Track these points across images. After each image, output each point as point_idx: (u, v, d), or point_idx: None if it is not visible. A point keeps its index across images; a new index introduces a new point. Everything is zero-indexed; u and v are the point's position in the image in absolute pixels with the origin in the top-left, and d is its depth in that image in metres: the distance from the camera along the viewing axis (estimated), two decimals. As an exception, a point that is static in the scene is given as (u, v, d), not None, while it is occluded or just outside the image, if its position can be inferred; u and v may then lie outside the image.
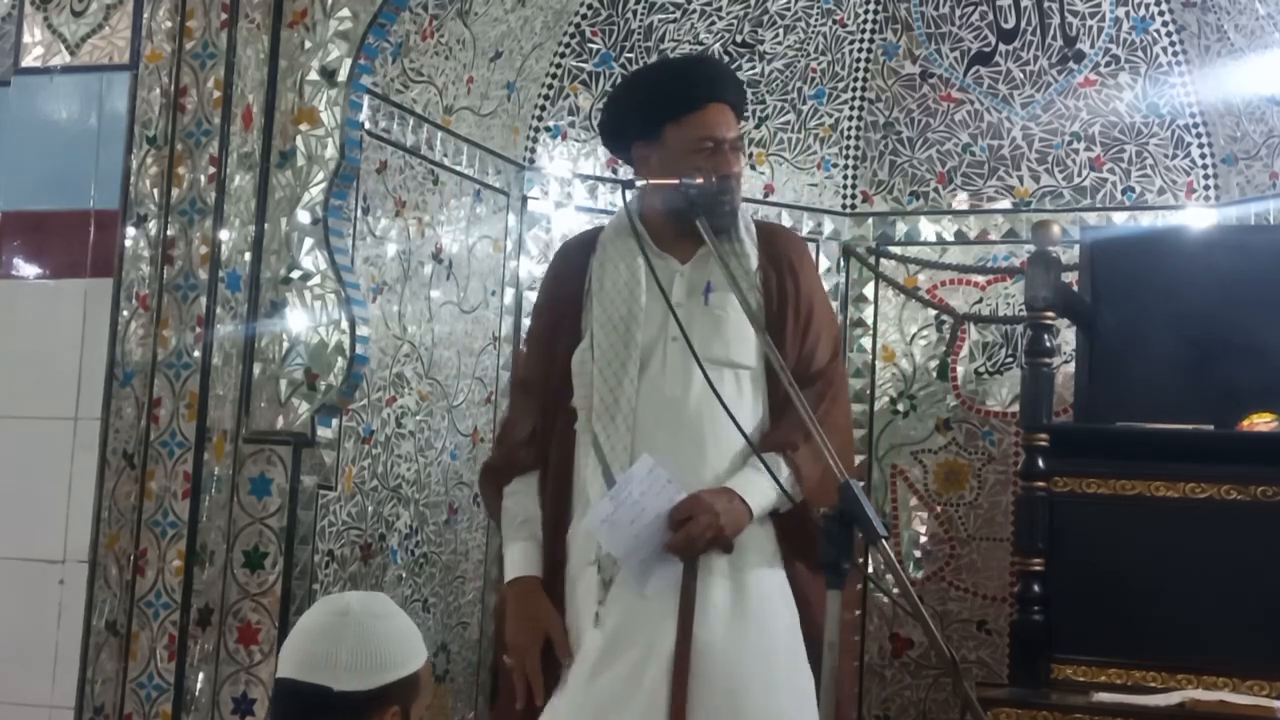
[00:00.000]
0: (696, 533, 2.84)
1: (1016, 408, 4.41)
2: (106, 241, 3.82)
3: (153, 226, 3.81)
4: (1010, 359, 4.53)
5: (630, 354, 3.01)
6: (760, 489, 2.91)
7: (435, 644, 4.18)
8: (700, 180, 2.99)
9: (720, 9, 4.57)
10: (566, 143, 4.56)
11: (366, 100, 3.80)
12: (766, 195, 4.67)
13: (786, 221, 4.60)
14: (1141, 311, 4.04)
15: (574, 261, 3.18)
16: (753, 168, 4.63)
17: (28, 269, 3.90)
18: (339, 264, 3.70)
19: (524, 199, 4.52)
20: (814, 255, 4.50)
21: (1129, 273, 4.11)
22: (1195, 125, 4.45)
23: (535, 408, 3.12)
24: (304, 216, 3.71)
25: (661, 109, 3.09)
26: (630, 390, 3.00)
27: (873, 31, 4.69)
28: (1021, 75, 4.61)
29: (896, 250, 4.68)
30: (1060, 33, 4.55)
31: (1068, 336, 4.31)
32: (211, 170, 3.79)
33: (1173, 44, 4.44)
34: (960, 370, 4.59)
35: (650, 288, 3.04)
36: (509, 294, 4.48)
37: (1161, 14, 4.44)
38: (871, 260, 4.67)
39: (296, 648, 2.30)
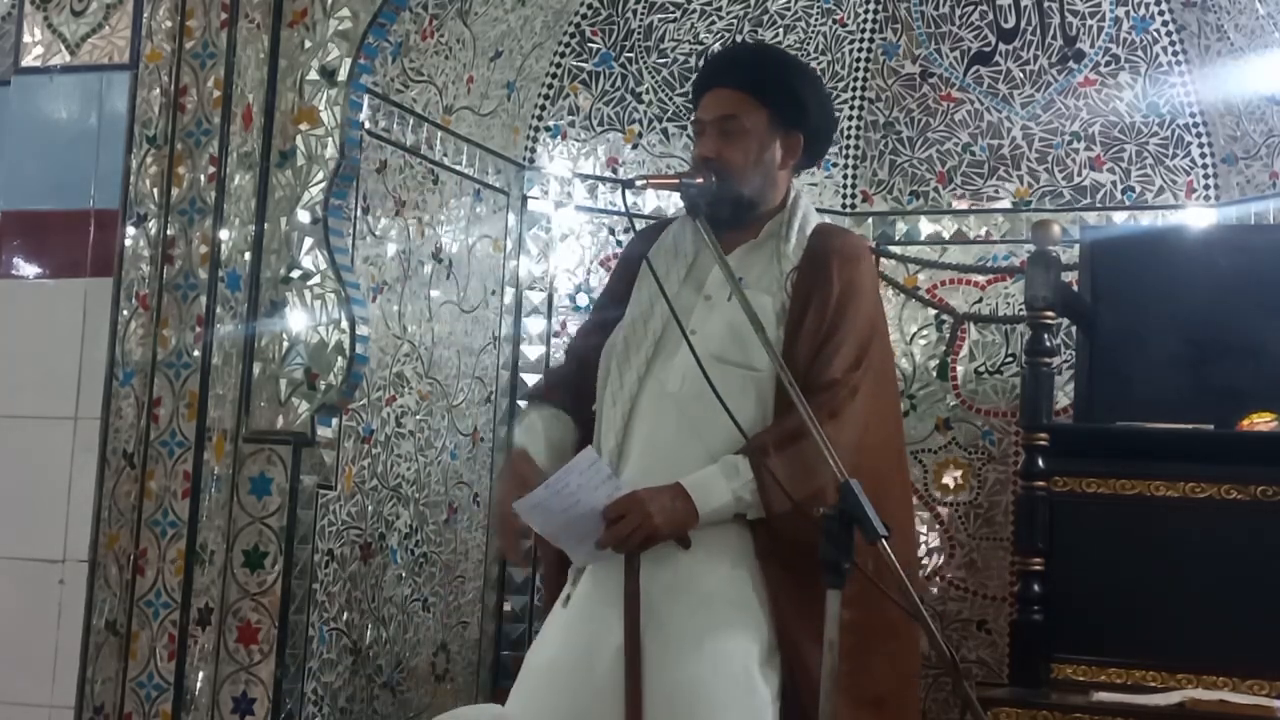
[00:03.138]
0: (624, 532, 2.79)
1: (1016, 407, 4.41)
2: (106, 241, 3.82)
3: (153, 226, 3.81)
4: (1010, 359, 4.53)
5: (642, 343, 3.00)
6: (716, 489, 2.84)
7: (435, 644, 4.18)
8: (700, 180, 2.98)
9: (720, 9, 4.57)
10: (566, 142, 4.57)
11: (366, 100, 3.80)
12: (766, 195, 4.67)
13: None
14: (1141, 311, 4.03)
15: (635, 247, 3.20)
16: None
17: (28, 269, 3.90)
18: (339, 263, 3.70)
19: (524, 198, 4.52)
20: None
21: (1129, 273, 4.11)
22: (1195, 125, 4.45)
23: (571, 365, 3.19)
24: (304, 216, 3.71)
25: (693, 103, 3.15)
26: (632, 379, 2.98)
27: (873, 31, 4.69)
28: (1021, 75, 4.61)
29: (896, 250, 4.67)
30: (1060, 32, 4.55)
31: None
32: (211, 170, 3.79)
33: (1173, 44, 4.44)
34: (960, 370, 4.59)
35: (687, 278, 3.04)
36: (509, 294, 4.49)
37: (1161, 14, 4.44)
38: (871, 260, 4.66)
39: None
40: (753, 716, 2.82)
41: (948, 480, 4.56)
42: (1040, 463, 3.80)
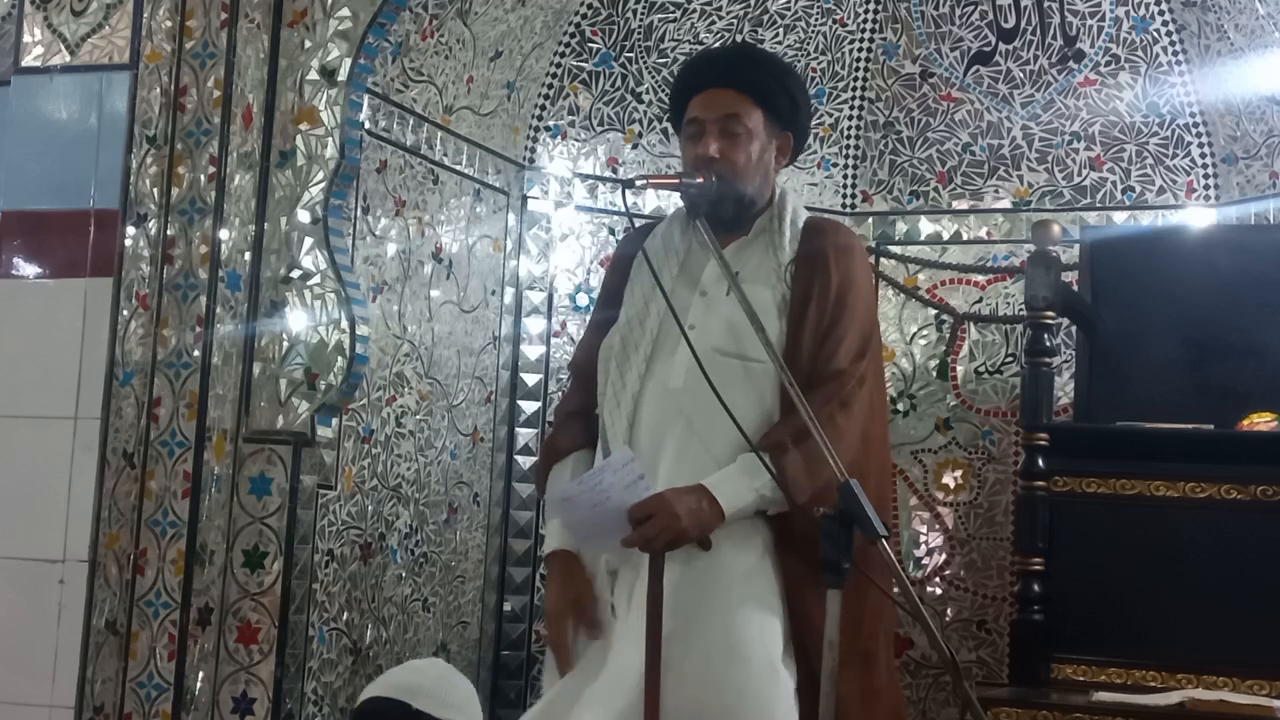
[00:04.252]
0: (651, 534, 2.80)
1: (1016, 407, 4.41)
2: (106, 241, 3.82)
3: (153, 226, 3.81)
4: (1010, 359, 4.53)
5: (640, 342, 3.00)
6: (738, 489, 2.85)
7: (435, 644, 4.18)
8: (700, 180, 2.98)
9: (720, 9, 4.57)
10: (566, 142, 4.57)
11: (366, 100, 3.80)
12: (766, 195, 4.67)
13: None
14: (1141, 311, 4.04)
15: (625, 248, 3.20)
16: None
17: (28, 269, 3.90)
18: (339, 263, 3.70)
19: (524, 198, 4.52)
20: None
21: (1129, 273, 4.11)
22: (1195, 125, 4.45)
23: (580, 389, 3.15)
24: (304, 216, 3.71)
25: (673, 102, 3.14)
26: (634, 378, 2.98)
27: (873, 31, 4.69)
28: (1021, 75, 4.61)
29: (896, 250, 4.68)
30: (1060, 32, 4.55)
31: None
32: (211, 170, 3.79)
33: (1173, 43, 4.44)
34: (960, 370, 4.59)
35: (680, 275, 3.03)
36: (509, 293, 4.49)
37: (1161, 13, 4.44)
38: (871, 260, 4.66)
39: (386, 677, 2.49)
40: (776, 705, 2.83)
41: (948, 480, 4.56)
42: (1040, 463, 3.80)
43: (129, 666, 3.72)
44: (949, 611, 4.50)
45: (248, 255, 3.74)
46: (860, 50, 4.69)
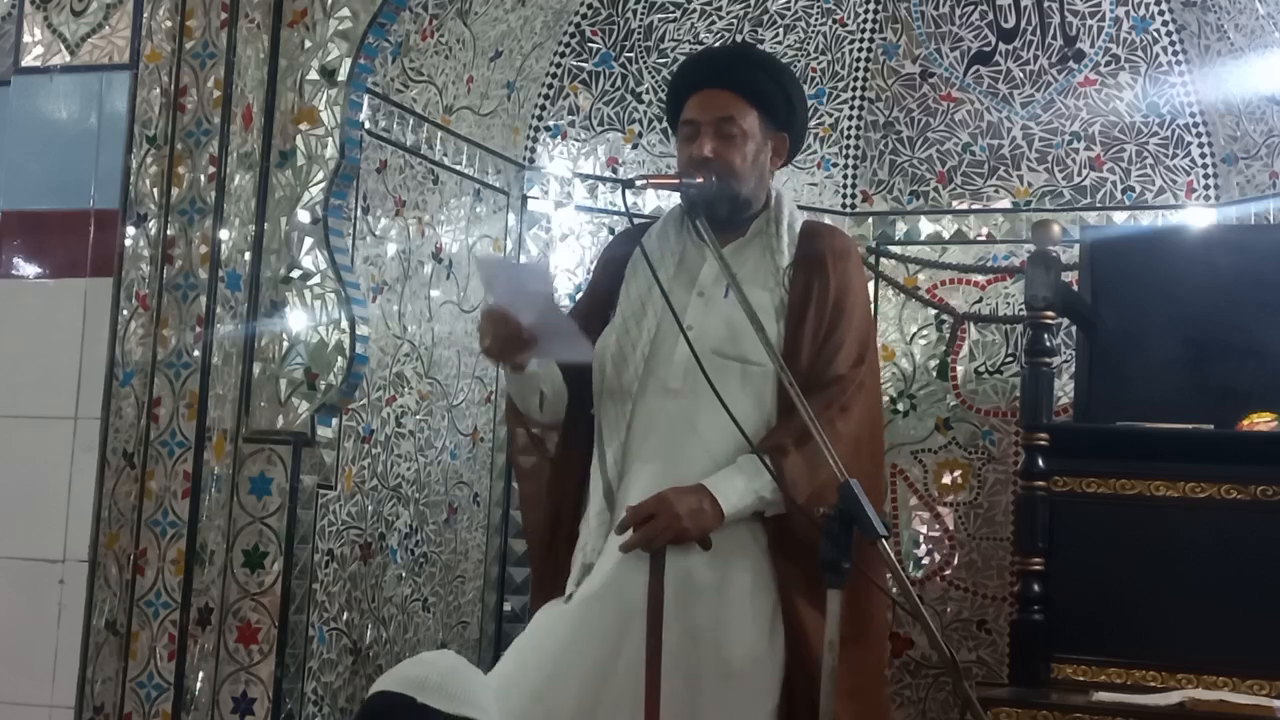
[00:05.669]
0: (653, 534, 2.81)
1: (1016, 407, 4.41)
2: (106, 241, 3.82)
3: (153, 226, 3.81)
4: (1010, 359, 4.53)
5: (638, 342, 3.00)
6: (738, 490, 2.86)
7: (435, 644, 4.18)
8: (700, 180, 2.98)
9: (720, 9, 4.57)
10: (566, 142, 4.57)
11: (366, 100, 3.80)
12: (766, 195, 4.66)
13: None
14: (1141, 311, 4.04)
15: (616, 249, 3.19)
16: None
17: (28, 269, 3.90)
18: (339, 263, 3.70)
19: (524, 198, 4.52)
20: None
21: (1129, 273, 4.11)
22: (1195, 125, 4.45)
23: None
24: (304, 216, 3.71)
25: (669, 102, 3.15)
26: (631, 378, 2.98)
27: (873, 31, 4.69)
28: (1021, 75, 4.61)
29: (896, 250, 4.67)
30: (1060, 32, 4.55)
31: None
32: (211, 170, 3.79)
33: (1173, 43, 4.44)
34: (960, 370, 4.59)
35: (676, 275, 3.03)
36: (509, 293, 4.48)
37: (1161, 13, 4.44)
38: (871, 260, 4.66)
39: (394, 671, 2.43)
40: (766, 695, 2.84)
41: (948, 480, 4.56)
42: (1040, 463, 3.80)
43: (129, 666, 3.72)
44: (949, 611, 4.50)
45: (248, 255, 3.74)
46: (860, 50, 4.69)
